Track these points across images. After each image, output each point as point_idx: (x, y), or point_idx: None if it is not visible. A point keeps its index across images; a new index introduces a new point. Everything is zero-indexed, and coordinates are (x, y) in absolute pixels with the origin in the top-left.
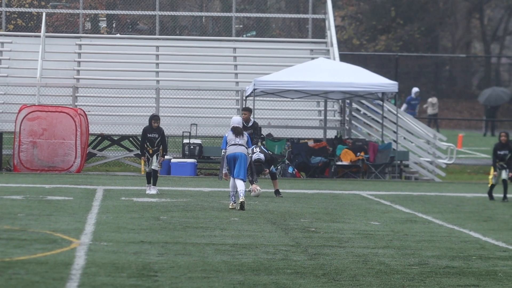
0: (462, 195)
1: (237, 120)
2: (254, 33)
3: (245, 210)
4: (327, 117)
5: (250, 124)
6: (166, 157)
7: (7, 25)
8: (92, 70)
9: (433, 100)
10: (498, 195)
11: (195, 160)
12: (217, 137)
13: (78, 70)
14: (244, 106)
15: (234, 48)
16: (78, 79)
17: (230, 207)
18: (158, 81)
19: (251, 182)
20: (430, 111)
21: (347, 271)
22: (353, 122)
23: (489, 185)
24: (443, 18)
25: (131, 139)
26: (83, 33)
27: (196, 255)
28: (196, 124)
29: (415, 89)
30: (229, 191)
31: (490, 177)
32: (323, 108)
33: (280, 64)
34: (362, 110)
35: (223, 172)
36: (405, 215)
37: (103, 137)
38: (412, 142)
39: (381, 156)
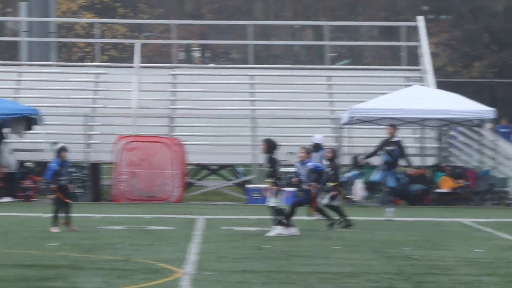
0: None
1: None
2: (347, 61)
3: (344, 238)
4: (424, 144)
5: (394, 140)
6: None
7: (101, 56)
8: (187, 100)
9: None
10: None
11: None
12: None
13: (173, 100)
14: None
15: (328, 77)
16: (173, 109)
17: None
18: (253, 110)
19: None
20: None
21: None
22: (450, 149)
23: None
24: None
25: (228, 168)
26: (176, 63)
27: (301, 284)
28: (293, 153)
29: None
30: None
31: None
32: (419, 135)
33: (374, 92)
34: (459, 137)
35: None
36: (509, 242)
37: (201, 166)
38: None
39: (480, 183)
